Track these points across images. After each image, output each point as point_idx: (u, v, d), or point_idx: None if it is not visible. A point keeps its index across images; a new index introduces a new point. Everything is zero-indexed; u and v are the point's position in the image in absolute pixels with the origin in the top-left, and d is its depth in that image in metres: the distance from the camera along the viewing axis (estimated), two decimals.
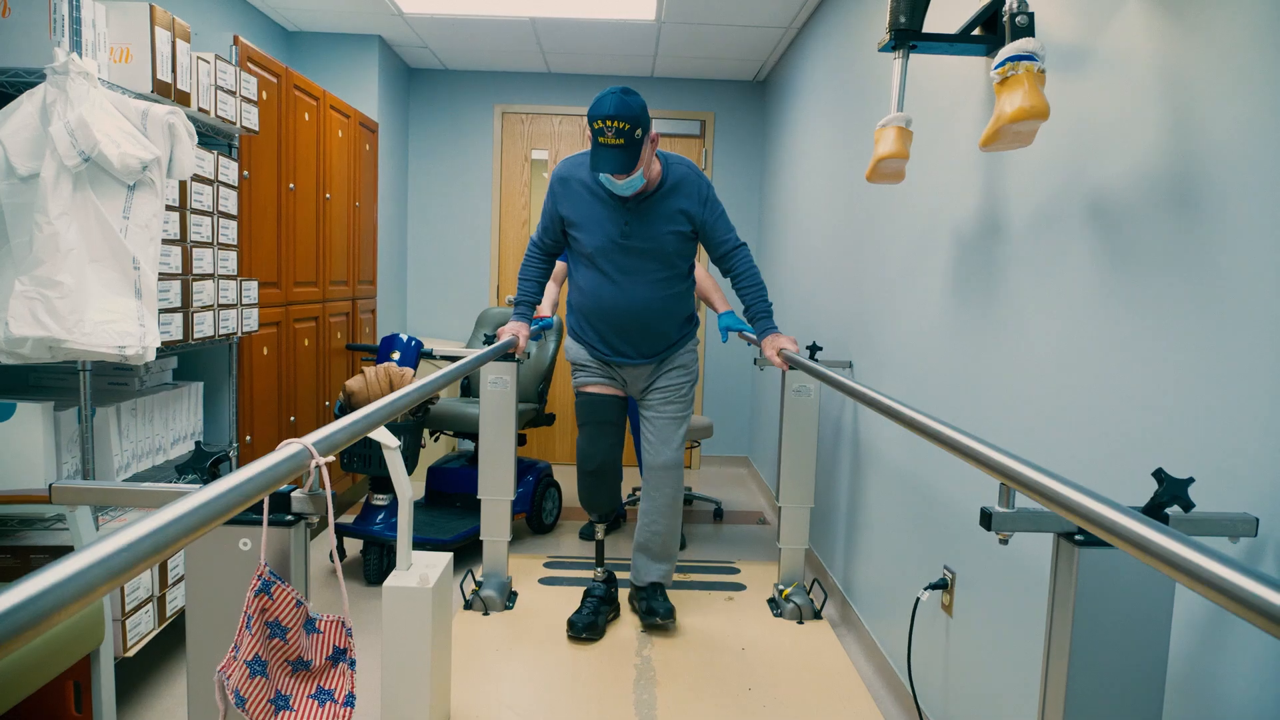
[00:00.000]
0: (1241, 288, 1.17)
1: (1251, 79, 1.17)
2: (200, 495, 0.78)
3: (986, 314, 1.98)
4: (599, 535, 2.97)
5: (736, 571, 3.48)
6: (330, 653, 1.04)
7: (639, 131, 2.42)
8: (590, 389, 2.86)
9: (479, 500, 3.04)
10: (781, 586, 3.09)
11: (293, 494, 1.04)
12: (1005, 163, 1.91)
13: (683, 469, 2.87)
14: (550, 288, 3.38)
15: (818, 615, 3.02)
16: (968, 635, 2.06)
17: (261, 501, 1.03)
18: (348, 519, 3.44)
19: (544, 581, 3.28)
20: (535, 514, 3.88)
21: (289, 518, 1.03)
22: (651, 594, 2.90)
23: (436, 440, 4.06)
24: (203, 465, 0.98)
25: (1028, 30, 1.52)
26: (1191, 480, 1.07)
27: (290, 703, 1.02)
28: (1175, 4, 1.34)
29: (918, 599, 2.29)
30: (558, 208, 2.74)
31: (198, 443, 1.02)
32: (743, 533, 4.14)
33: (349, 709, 1.03)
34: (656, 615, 2.83)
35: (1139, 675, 1.11)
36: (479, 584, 3.03)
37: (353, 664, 1.04)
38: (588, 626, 2.77)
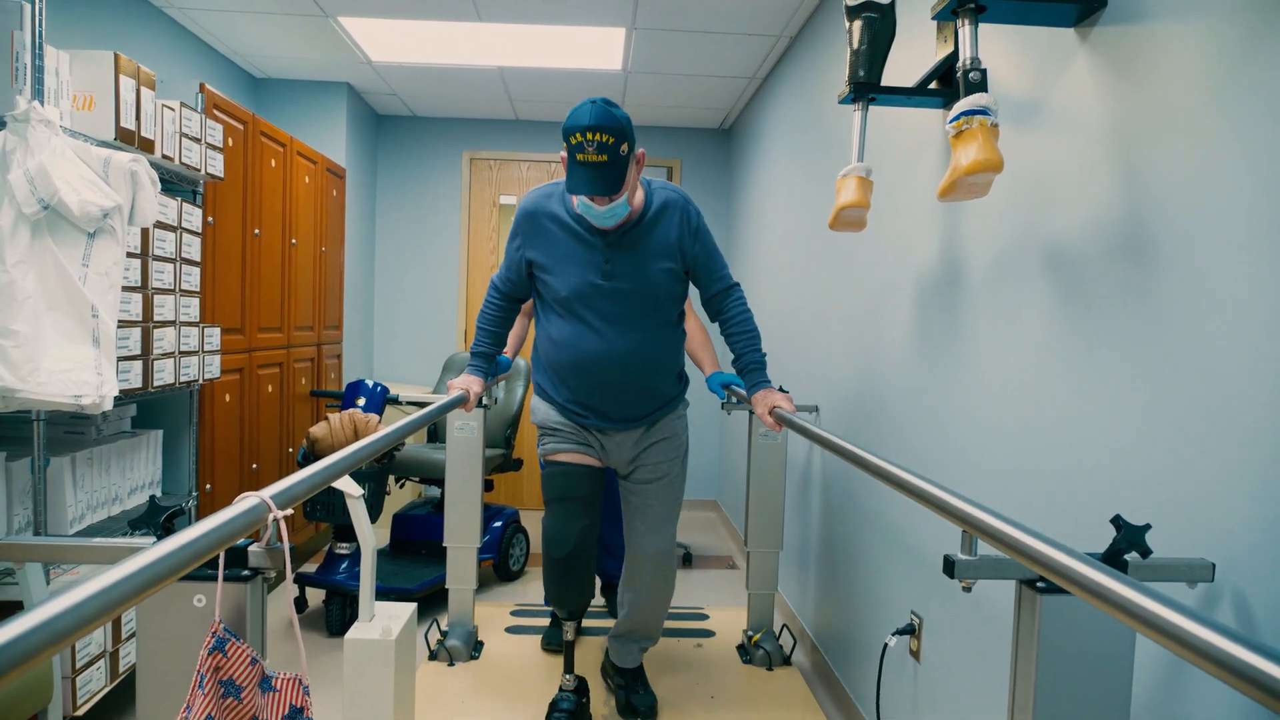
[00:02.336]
0: (1193, 332, 1.20)
1: (1195, 132, 1.21)
2: (153, 552, 0.76)
3: (949, 358, 2.01)
4: (568, 636, 2.48)
5: (705, 618, 3.45)
6: (286, 712, 1.01)
7: (625, 146, 2.04)
8: (561, 457, 2.39)
9: (445, 548, 2.99)
10: (750, 633, 3.07)
11: (250, 548, 1.02)
12: (964, 212, 1.95)
13: (675, 555, 2.51)
14: (519, 322, 3.03)
15: (787, 661, 3.00)
16: (935, 681, 2.05)
17: (217, 557, 1.01)
18: (310, 568, 3.37)
19: (511, 630, 3.23)
20: (502, 561, 3.83)
21: (245, 573, 1.01)
22: (633, 681, 2.60)
23: (402, 487, 4.01)
24: (156, 520, 0.96)
25: (981, 86, 1.56)
26: (1148, 527, 1.08)
27: None
28: (1121, 62, 1.39)
29: (885, 645, 2.28)
30: (525, 249, 2.32)
31: (152, 497, 1.00)
32: (712, 578, 4.11)
33: None
34: (637, 714, 2.53)
35: (1103, 715, 1.11)
36: (444, 633, 2.98)
37: None
38: None
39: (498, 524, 3.83)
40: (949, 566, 1.12)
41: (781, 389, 2.30)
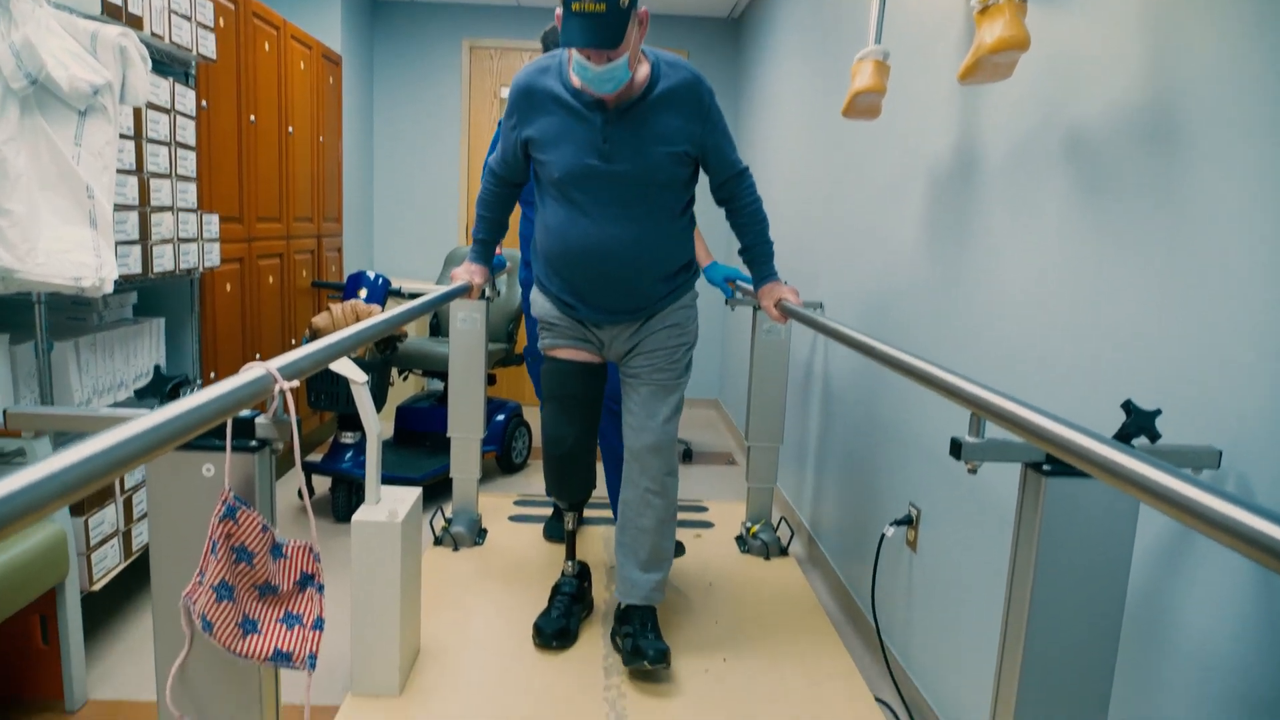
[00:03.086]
0: (1214, 223, 1.17)
1: (1229, 12, 1.15)
2: (160, 414, 0.76)
3: (961, 252, 1.98)
4: (569, 525, 2.45)
5: (705, 510, 3.51)
6: (298, 578, 1.03)
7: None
8: (558, 353, 2.29)
9: (448, 439, 3.02)
10: (749, 524, 3.13)
11: (256, 420, 1.02)
12: (983, 97, 1.89)
13: (674, 451, 2.29)
14: None
15: (784, 552, 3.06)
16: (931, 570, 2.10)
17: (224, 427, 1.01)
18: (315, 457, 3.42)
19: (514, 519, 3.29)
20: (505, 453, 3.88)
21: (253, 444, 1.01)
22: (640, 625, 2.25)
23: (405, 379, 4.03)
24: (162, 389, 0.95)
25: None
26: (1159, 412, 1.08)
27: (258, 627, 1.01)
28: None
29: (883, 535, 2.33)
30: (520, 127, 2.14)
31: (156, 367, 0.99)
32: (712, 473, 4.17)
33: (317, 633, 1.03)
34: (644, 658, 2.15)
35: (1099, 603, 1.13)
36: (449, 521, 3.04)
37: (321, 589, 1.03)
38: (558, 633, 2.31)
39: (500, 417, 3.86)
40: (955, 449, 1.12)
41: (785, 284, 2.27)
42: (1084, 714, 1.15)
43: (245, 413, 1.02)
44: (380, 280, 3.52)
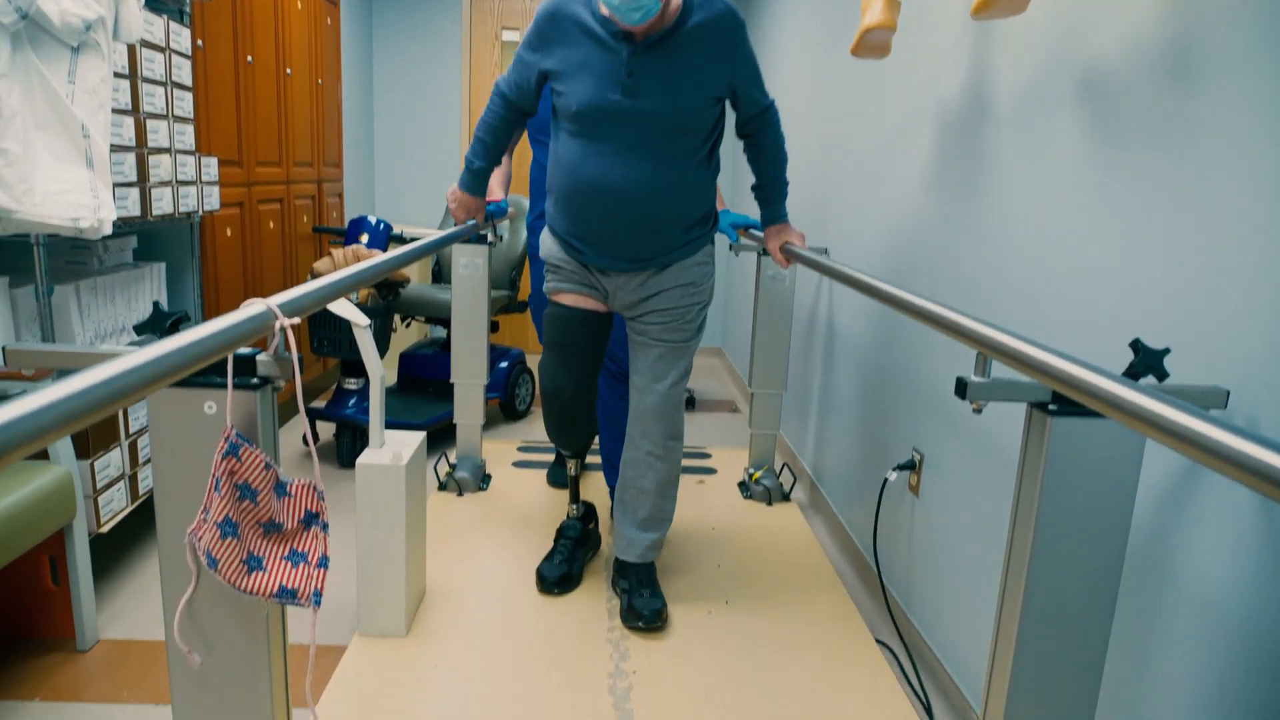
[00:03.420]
0: (1226, 164, 1.15)
1: None
2: (159, 347, 0.75)
3: (969, 195, 1.95)
4: (572, 471, 2.41)
5: (708, 456, 3.53)
6: (302, 516, 1.03)
7: None
8: (562, 298, 2.18)
9: (451, 386, 3.02)
10: (751, 470, 3.14)
11: (258, 357, 1.01)
12: (995, 34, 1.84)
13: (681, 413, 2.21)
14: (499, 181, 2.79)
15: (786, 498, 3.08)
16: (933, 514, 2.11)
17: (225, 364, 1.00)
18: (319, 404, 3.42)
19: (517, 464, 3.31)
20: (508, 400, 3.89)
21: (254, 381, 1.01)
22: (637, 581, 2.25)
23: (408, 326, 4.02)
24: (162, 325, 0.94)
25: None
26: (1167, 351, 1.07)
27: (263, 564, 1.02)
28: None
29: (885, 479, 2.33)
30: (541, 56, 2.02)
31: (156, 303, 0.98)
32: (715, 421, 4.18)
33: (322, 570, 1.03)
34: (640, 618, 2.15)
35: (1101, 544, 1.13)
36: (453, 466, 3.05)
37: (325, 527, 1.04)
38: (560, 579, 2.31)
39: (504, 364, 3.86)
40: (961, 388, 1.11)
41: (793, 229, 2.23)
42: (1083, 654, 1.16)
43: (246, 350, 1.02)
44: (382, 225, 3.49)
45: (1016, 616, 1.15)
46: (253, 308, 0.93)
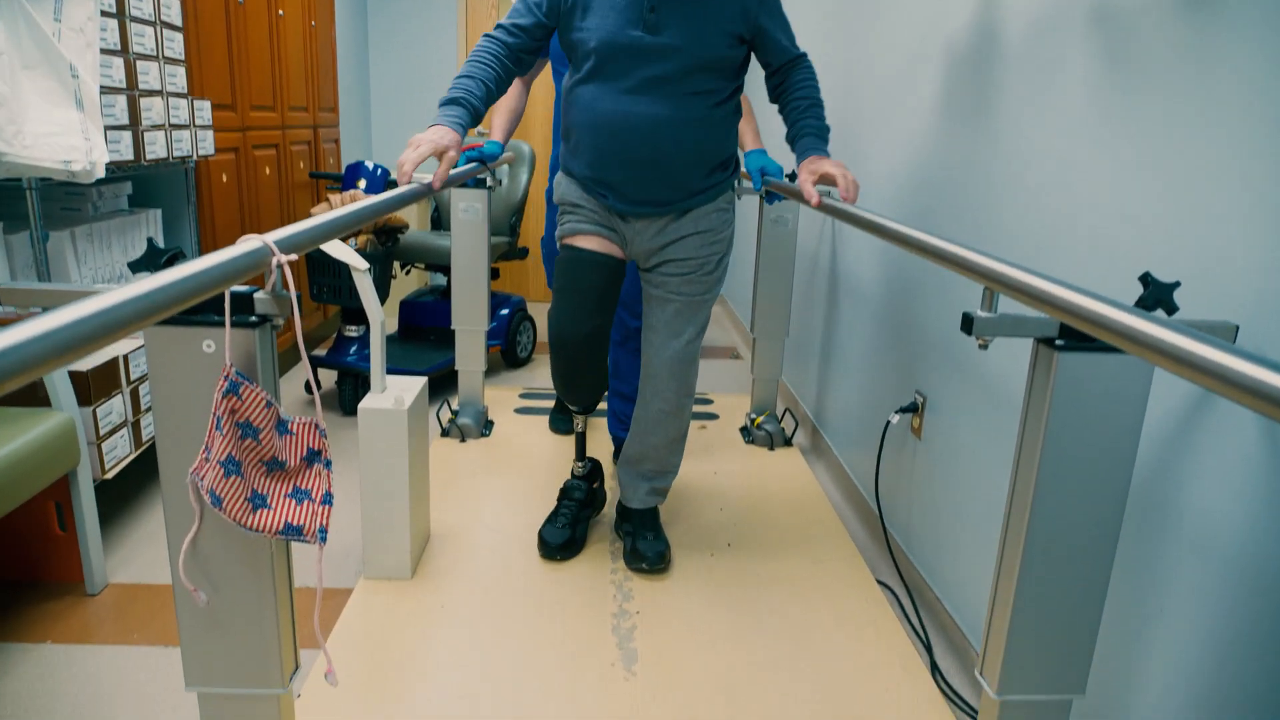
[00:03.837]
0: (1240, 99, 1.12)
1: None
2: (155, 280, 0.73)
3: (977, 134, 1.91)
4: (578, 427, 2.31)
5: (710, 402, 3.53)
6: (304, 454, 1.03)
7: None
8: (579, 241, 2.05)
9: (452, 333, 3.01)
10: (753, 415, 3.15)
11: (255, 295, 1.00)
12: None
13: (695, 369, 2.15)
14: (517, 92, 2.60)
15: (788, 442, 3.09)
16: (935, 456, 2.11)
17: (222, 302, 0.99)
18: (320, 352, 3.42)
19: (520, 411, 3.31)
20: (510, 347, 3.88)
21: (253, 319, 1.00)
22: (640, 526, 2.27)
23: (408, 273, 4.00)
24: (157, 261, 0.93)
25: None
26: (1177, 284, 1.05)
27: (267, 501, 1.02)
28: None
29: (888, 422, 2.33)
30: None
31: (150, 239, 0.97)
32: (716, 367, 4.18)
33: (327, 507, 1.03)
34: (643, 560, 2.18)
35: (1105, 482, 1.13)
36: (455, 413, 3.06)
37: (328, 465, 1.03)
38: (564, 545, 2.23)
39: (505, 311, 3.84)
40: (967, 324, 1.10)
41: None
42: (1084, 591, 1.16)
43: (243, 288, 1.00)
44: (379, 170, 3.44)
45: (1019, 554, 1.15)
46: (249, 243, 0.91)
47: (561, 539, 2.24)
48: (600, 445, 2.97)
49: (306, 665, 1.81)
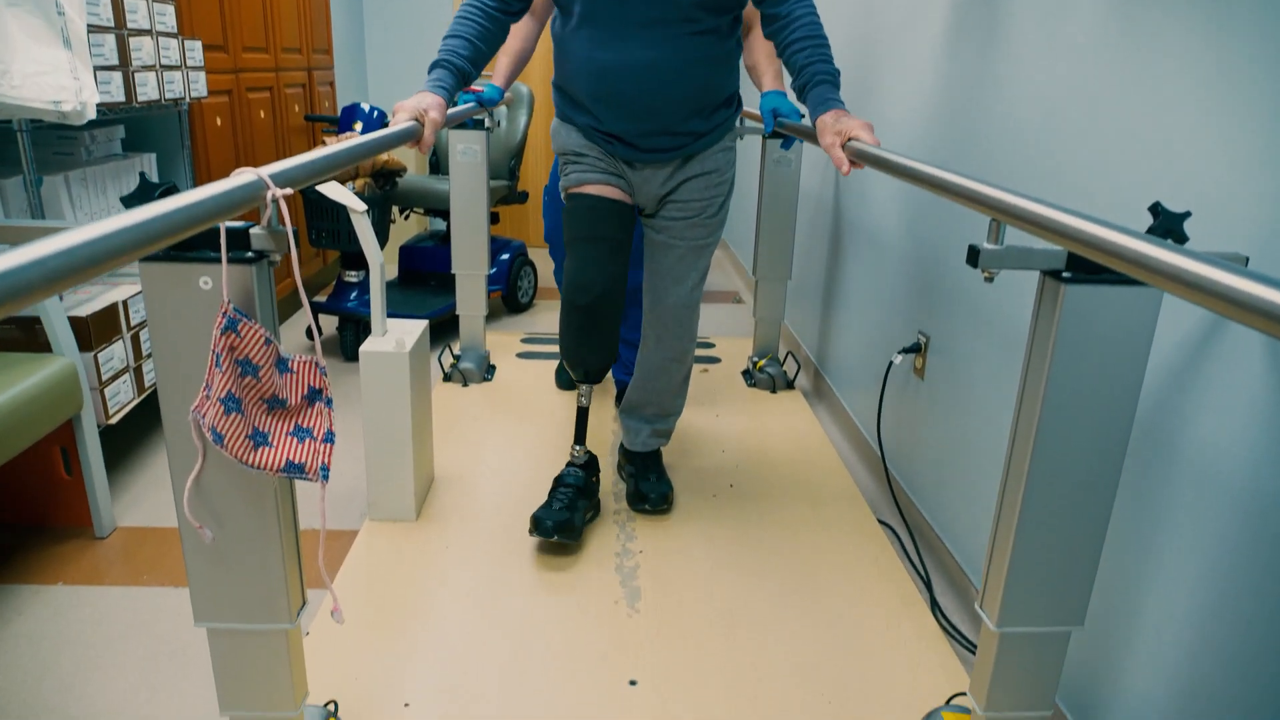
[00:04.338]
0: (1260, 24, 1.08)
1: None
2: (148, 210, 0.72)
3: (984, 62, 1.87)
4: (583, 401, 2.11)
5: (712, 345, 3.53)
6: (305, 392, 1.02)
7: None
8: (588, 189, 1.97)
9: (453, 279, 2.99)
10: (755, 359, 3.14)
11: (251, 230, 0.98)
12: None
13: (697, 315, 2.12)
14: (524, 30, 2.45)
15: (790, 385, 3.09)
16: (937, 396, 2.11)
17: (218, 239, 0.97)
18: (320, 299, 3.40)
19: (522, 356, 3.31)
20: (511, 292, 3.86)
21: (249, 255, 0.98)
22: (643, 468, 2.26)
23: (406, 218, 3.96)
24: (150, 196, 0.91)
25: None
26: (1188, 214, 1.04)
27: (269, 439, 1.02)
28: None
29: (890, 362, 2.33)
30: None
31: (142, 174, 0.95)
32: (717, 311, 4.16)
33: (329, 445, 1.03)
34: (646, 502, 2.19)
35: (1109, 415, 1.13)
36: (457, 358, 3.05)
37: (329, 403, 1.03)
38: (560, 526, 1.99)
39: (505, 256, 3.82)
40: (973, 256, 1.08)
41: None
42: (1085, 526, 1.17)
43: (238, 224, 0.99)
44: (375, 113, 3.39)
45: (1021, 488, 1.16)
46: (243, 176, 0.89)
47: (559, 519, 2.00)
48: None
49: (314, 604, 1.83)
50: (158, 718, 1.51)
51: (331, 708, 1.49)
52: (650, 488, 2.21)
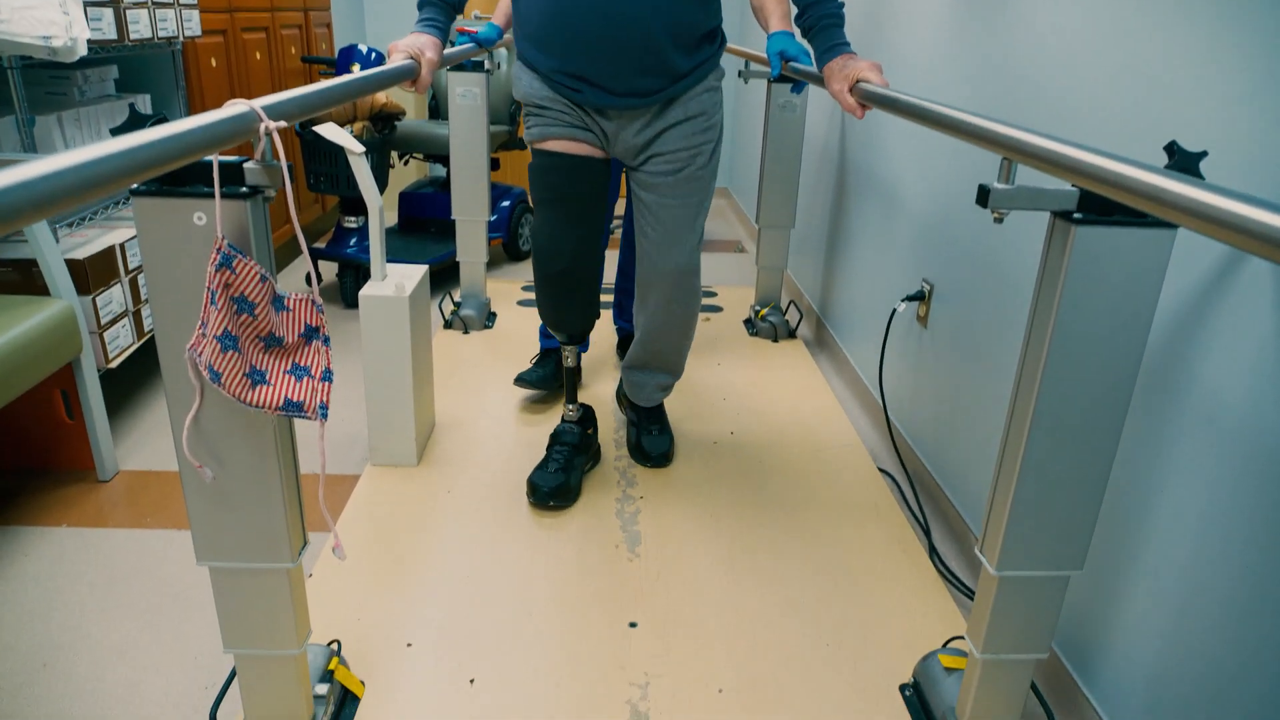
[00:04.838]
0: None
1: None
2: (137, 136, 0.70)
3: (997, 10, 1.82)
4: (568, 361, 2.04)
5: (714, 295, 3.50)
6: (302, 330, 1.01)
7: None
8: (551, 145, 1.82)
9: (453, 225, 2.96)
10: (757, 308, 3.13)
11: (245, 165, 0.96)
12: None
13: (699, 273, 1.98)
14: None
15: (792, 334, 3.08)
16: (940, 344, 2.10)
17: (211, 172, 0.95)
18: (319, 245, 3.38)
19: (523, 304, 3.29)
20: (512, 240, 3.83)
21: (243, 190, 0.96)
22: (646, 420, 2.22)
23: (406, 163, 3.91)
24: (139, 127, 0.89)
25: None
26: (1204, 154, 1.01)
27: (267, 378, 1.01)
28: None
29: (894, 310, 2.31)
30: None
31: (131, 105, 0.93)
32: (720, 260, 4.13)
33: (327, 384, 1.02)
34: (648, 459, 2.17)
35: (1116, 358, 1.11)
36: (457, 305, 3.04)
37: (326, 341, 1.02)
38: (556, 491, 1.96)
39: (505, 203, 3.77)
40: (983, 196, 1.06)
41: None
42: (1088, 468, 1.16)
43: (231, 158, 0.97)
44: (374, 55, 3.32)
45: (1024, 431, 1.15)
46: (235, 108, 0.87)
47: (554, 483, 1.97)
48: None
49: (316, 547, 1.85)
50: (163, 656, 1.53)
51: (335, 647, 1.51)
52: (652, 444, 2.18)
